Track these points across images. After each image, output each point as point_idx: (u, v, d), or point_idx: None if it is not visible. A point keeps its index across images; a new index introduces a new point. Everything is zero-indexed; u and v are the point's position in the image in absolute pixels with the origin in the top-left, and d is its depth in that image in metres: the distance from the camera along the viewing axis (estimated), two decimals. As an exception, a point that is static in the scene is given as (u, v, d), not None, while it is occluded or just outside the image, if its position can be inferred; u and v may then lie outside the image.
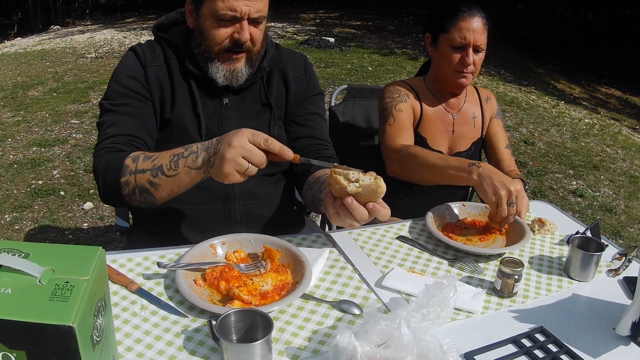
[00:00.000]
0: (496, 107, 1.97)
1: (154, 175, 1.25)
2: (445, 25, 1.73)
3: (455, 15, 1.71)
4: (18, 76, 6.18)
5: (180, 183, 1.24)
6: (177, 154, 1.24)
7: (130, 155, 1.30)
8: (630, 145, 5.30)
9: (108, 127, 1.40)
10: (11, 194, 3.52)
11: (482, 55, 1.75)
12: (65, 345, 0.68)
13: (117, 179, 1.28)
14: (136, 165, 1.27)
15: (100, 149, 1.38)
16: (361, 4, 11.27)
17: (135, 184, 1.27)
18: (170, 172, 1.23)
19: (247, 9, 1.34)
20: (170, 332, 1.02)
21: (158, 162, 1.26)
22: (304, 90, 1.59)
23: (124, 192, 1.29)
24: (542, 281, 1.29)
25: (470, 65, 1.72)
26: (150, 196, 1.27)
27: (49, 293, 0.71)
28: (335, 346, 0.89)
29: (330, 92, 2.31)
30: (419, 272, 1.29)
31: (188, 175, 1.22)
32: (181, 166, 1.22)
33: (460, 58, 1.72)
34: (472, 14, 1.70)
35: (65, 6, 10.56)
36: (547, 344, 1.06)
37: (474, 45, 1.70)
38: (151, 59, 1.45)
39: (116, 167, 1.29)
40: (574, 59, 8.69)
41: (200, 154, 1.20)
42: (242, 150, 1.12)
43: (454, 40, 1.71)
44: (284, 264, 1.22)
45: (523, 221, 1.48)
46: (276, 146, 1.15)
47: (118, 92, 1.43)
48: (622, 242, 3.42)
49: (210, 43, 1.39)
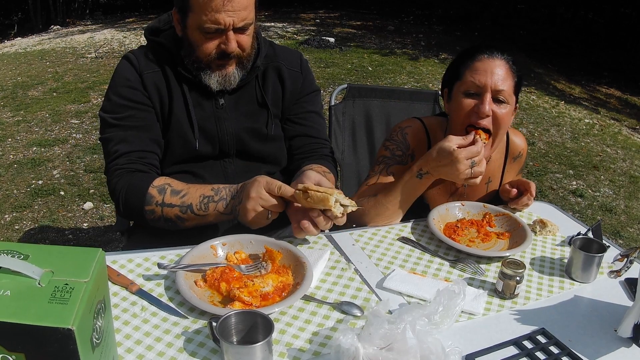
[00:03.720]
0: (523, 163, 1.67)
1: (183, 212, 1.33)
2: (460, 71, 1.45)
3: (472, 57, 1.43)
4: (18, 76, 6.17)
5: (209, 221, 1.34)
6: (207, 197, 1.32)
7: (154, 184, 1.35)
8: (630, 145, 5.30)
9: (117, 144, 1.42)
10: (11, 194, 3.52)
11: (508, 111, 1.42)
12: (64, 348, 0.68)
13: (140, 204, 1.34)
14: (163, 198, 1.33)
15: (115, 168, 1.40)
16: (361, 4, 11.25)
17: (161, 214, 1.34)
18: (200, 212, 1.32)
19: (230, 20, 1.33)
20: (171, 334, 1.01)
21: (187, 200, 1.33)
22: (300, 87, 1.59)
23: (148, 218, 1.36)
24: (543, 282, 1.29)
25: (487, 117, 1.38)
26: (176, 226, 1.36)
27: (48, 295, 0.70)
28: (338, 347, 0.89)
29: (330, 92, 2.30)
30: (421, 273, 1.29)
31: (217, 218, 1.33)
32: (211, 209, 1.32)
33: (474, 106, 1.40)
34: (493, 56, 1.41)
35: (65, 6, 10.54)
36: (549, 346, 1.06)
37: (493, 91, 1.38)
38: (146, 66, 1.45)
39: (140, 194, 1.35)
40: (574, 59, 8.68)
41: (230, 202, 1.30)
42: (260, 201, 1.23)
43: (467, 84, 1.41)
44: (285, 265, 1.22)
45: (525, 223, 1.48)
46: (288, 192, 1.24)
47: (119, 104, 1.43)
48: (622, 242, 3.41)
49: (199, 54, 1.40)
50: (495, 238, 1.47)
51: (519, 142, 1.66)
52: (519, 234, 1.46)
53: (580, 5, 9.99)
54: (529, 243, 1.39)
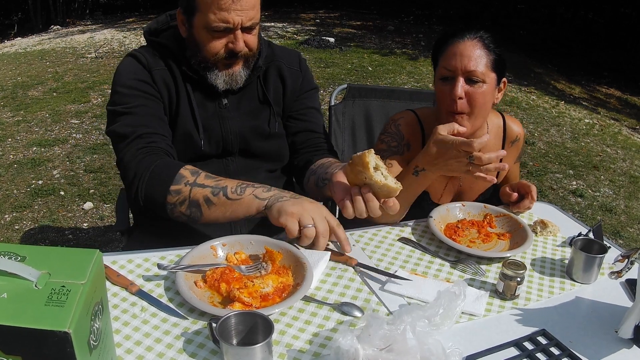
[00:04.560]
0: (521, 149, 1.69)
1: (215, 193, 1.26)
2: (437, 59, 1.47)
3: (445, 42, 1.44)
4: (18, 76, 6.17)
5: (236, 210, 1.27)
6: (246, 184, 1.29)
7: (187, 166, 1.30)
8: (630, 145, 5.29)
9: (135, 127, 1.35)
10: (11, 194, 3.52)
11: (485, 89, 1.41)
12: (61, 351, 0.67)
13: (166, 184, 1.27)
14: (196, 179, 1.28)
15: (138, 148, 1.32)
16: (361, 4, 11.25)
17: (188, 195, 1.27)
18: (234, 195, 1.26)
19: (239, 19, 1.33)
20: (171, 335, 1.01)
21: (223, 183, 1.28)
22: (299, 85, 1.60)
23: (169, 200, 1.28)
24: (544, 283, 1.28)
25: (461, 100, 1.39)
26: (197, 212, 1.28)
27: (44, 298, 0.70)
28: (337, 348, 0.88)
29: (330, 92, 2.30)
30: (421, 274, 1.28)
31: (250, 202, 1.26)
32: (247, 193, 1.26)
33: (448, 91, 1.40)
34: (464, 38, 1.41)
35: (66, 6, 10.54)
36: (550, 347, 1.05)
37: (464, 72, 1.38)
38: (154, 63, 1.44)
39: (168, 173, 1.28)
40: (574, 59, 8.68)
41: (273, 190, 1.27)
42: (309, 216, 1.21)
43: (440, 70, 1.43)
44: (285, 265, 1.21)
45: (526, 224, 1.48)
46: (342, 235, 1.27)
47: (129, 95, 1.39)
48: (622, 242, 3.41)
49: (206, 54, 1.39)
50: (495, 239, 1.47)
51: (515, 127, 1.67)
52: (519, 234, 1.45)
53: (580, 5, 9.99)
54: (530, 244, 1.39)
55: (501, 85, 1.51)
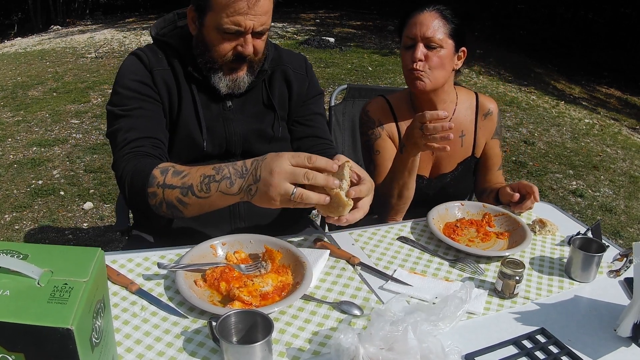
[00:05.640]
0: (496, 123, 1.77)
1: (184, 194, 1.21)
2: (401, 32, 1.62)
3: (407, 16, 1.60)
4: (18, 76, 6.18)
5: (212, 204, 1.21)
6: (208, 176, 1.20)
7: (158, 166, 1.27)
8: (630, 145, 5.30)
9: (127, 132, 1.36)
10: (11, 194, 3.52)
11: (443, 54, 1.57)
12: (63, 348, 0.68)
13: (143, 186, 1.25)
14: (164, 179, 1.23)
15: (124, 154, 1.33)
16: (361, 4, 11.26)
17: (163, 197, 1.24)
18: (202, 194, 1.20)
19: (251, 24, 1.32)
20: (171, 334, 1.01)
21: (188, 180, 1.21)
22: (306, 90, 1.59)
23: (151, 202, 1.26)
24: (543, 282, 1.29)
25: (421, 62, 1.55)
26: (178, 212, 1.25)
27: (47, 295, 0.70)
28: (338, 345, 0.89)
29: (330, 92, 2.30)
30: (420, 273, 1.29)
31: (221, 199, 1.19)
32: (213, 190, 1.19)
33: (410, 55, 1.57)
34: (423, 11, 1.57)
35: (66, 6, 10.55)
36: (548, 345, 1.06)
37: (423, 39, 1.54)
38: (156, 63, 1.44)
39: (144, 175, 1.26)
40: (574, 59, 8.68)
41: (236, 181, 1.16)
42: (286, 175, 1.09)
43: (404, 40, 1.60)
44: (285, 264, 1.22)
45: (524, 223, 1.48)
46: (322, 162, 1.11)
47: (128, 97, 1.40)
48: (622, 242, 3.42)
49: (214, 55, 1.38)
50: (494, 238, 1.47)
51: (487, 102, 1.78)
52: (518, 233, 1.46)
53: (580, 5, 9.99)
54: (529, 243, 1.39)
55: (460, 54, 1.65)
